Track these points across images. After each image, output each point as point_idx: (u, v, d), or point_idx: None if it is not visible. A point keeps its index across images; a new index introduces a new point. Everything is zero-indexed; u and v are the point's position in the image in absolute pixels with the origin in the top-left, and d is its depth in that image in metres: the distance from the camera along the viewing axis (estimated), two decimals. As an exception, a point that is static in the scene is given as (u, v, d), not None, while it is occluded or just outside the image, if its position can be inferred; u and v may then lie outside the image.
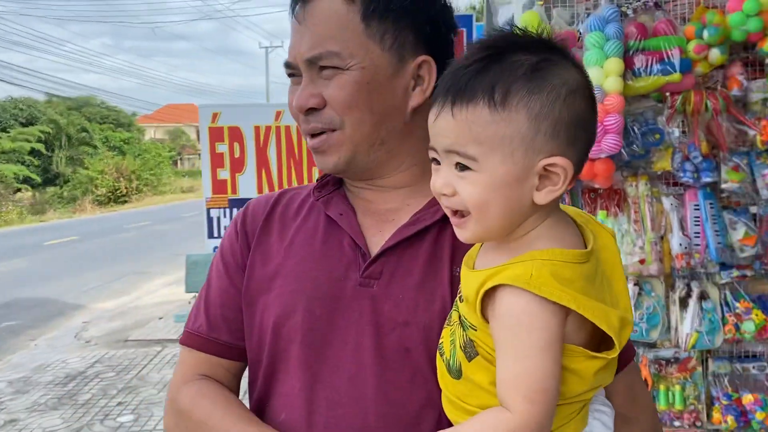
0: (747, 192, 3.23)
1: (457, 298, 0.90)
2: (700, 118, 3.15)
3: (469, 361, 0.84)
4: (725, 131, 3.17)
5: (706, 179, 3.20)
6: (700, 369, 3.33)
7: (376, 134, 1.03)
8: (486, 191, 0.79)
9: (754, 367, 3.33)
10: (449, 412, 0.90)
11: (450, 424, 0.92)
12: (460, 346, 0.85)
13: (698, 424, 3.29)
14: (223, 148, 6.24)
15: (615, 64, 2.92)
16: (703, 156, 3.20)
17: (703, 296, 3.24)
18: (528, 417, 0.75)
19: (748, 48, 3.18)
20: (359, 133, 1.02)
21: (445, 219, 1.00)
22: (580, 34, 3.15)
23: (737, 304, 3.23)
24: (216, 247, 6.27)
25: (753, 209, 3.29)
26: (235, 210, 6.31)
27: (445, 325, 0.94)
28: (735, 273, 3.25)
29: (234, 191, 6.26)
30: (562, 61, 0.83)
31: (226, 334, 1.13)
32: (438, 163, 0.85)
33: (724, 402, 3.25)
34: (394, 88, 1.03)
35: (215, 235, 6.31)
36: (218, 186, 6.26)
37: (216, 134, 6.24)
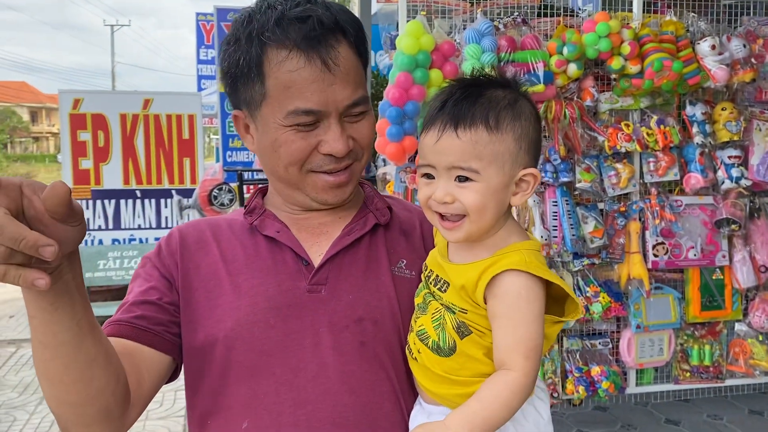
0: (596, 190, 3.68)
1: (433, 290, 1.06)
2: (560, 125, 3.55)
3: (462, 339, 1.00)
4: (580, 137, 3.59)
5: (564, 179, 3.61)
6: (556, 346, 3.75)
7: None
8: (485, 197, 0.98)
9: (600, 343, 3.81)
10: (435, 387, 1.04)
11: (408, 402, 1.09)
12: (453, 328, 1.00)
13: (555, 395, 3.71)
14: (85, 136, 5.91)
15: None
16: (561, 158, 3.61)
17: (559, 282, 3.66)
18: (527, 370, 0.94)
19: (599, 64, 3.62)
20: (364, 163, 1.17)
21: (374, 228, 1.18)
22: (458, 44, 3.42)
23: (588, 289, 3.68)
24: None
25: (601, 205, 3.76)
26: (99, 201, 6.03)
27: (418, 315, 1.08)
28: (586, 261, 3.69)
29: (98, 182, 5.95)
30: (523, 95, 1.05)
31: (129, 318, 1.10)
32: (430, 177, 1.02)
33: (576, 374, 3.70)
34: None
35: (76, 227, 5.98)
36: (80, 176, 5.93)
37: (78, 121, 5.89)
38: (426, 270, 1.11)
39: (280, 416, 1.05)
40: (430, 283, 1.07)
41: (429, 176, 1.02)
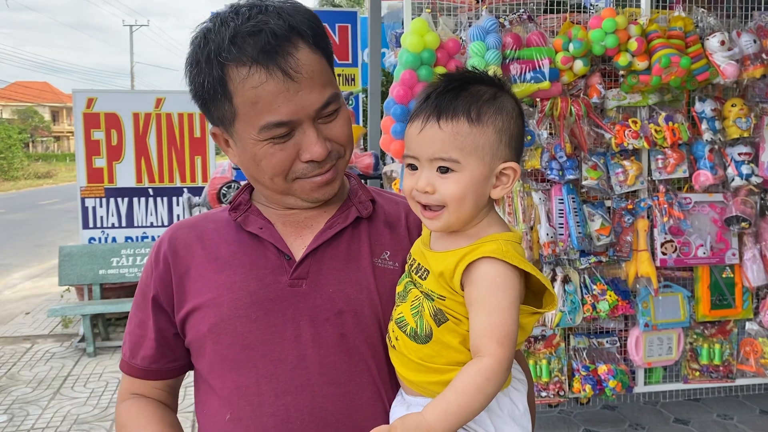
0: (603, 188, 3.65)
1: (414, 278, 1.08)
2: (566, 122, 3.53)
3: (439, 326, 1.02)
4: (586, 134, 3.57)
5: (570, 176, 3.59)
6: (563, 345, 3.73)
7: None
8: (465, 187, 1.00)
9: (607, 342, 3.79)
10: (411, 374, 1.07)
11: (389, 394, 1.11)
12: (430, 315, 1.03)
13: (561, 393, 3.69)
14: (99, 135, 5.99)
15: (495, 72, 3.20)
16: (567, 156, 3.59)
17: (566, 280, 3.64)
18: (500, 357, 0.95)
19: (605, 60, 3.59)
20: (348, 158, 1.19)
21: (355, 222, 1.20)
22: (463, 41, 3.41)
23: (594, 287, 3.66)
24: (92, 238, 6.10)
25: (608, 203, 3.73)
26: (112, 200, 6.11)
27: (398, 303, 1.11)
28: (592, 259, 3.67)
29: (111, 180, 6.03)
30: (506, 92, 1.07)
31: (141, 360, 1.22)
32: (414, 168, 1.04)
33: (583, 373, 3.68)
34: None
35: (90, 225, 6.06)
36: (94, 174, 6.01)
37: (92, 120, 5.97)
38: (410, 259, 1.13)
39: (261, 407, 1.08)
40: (412, 272, 1.10)
41: (413, 167, 1.05)
